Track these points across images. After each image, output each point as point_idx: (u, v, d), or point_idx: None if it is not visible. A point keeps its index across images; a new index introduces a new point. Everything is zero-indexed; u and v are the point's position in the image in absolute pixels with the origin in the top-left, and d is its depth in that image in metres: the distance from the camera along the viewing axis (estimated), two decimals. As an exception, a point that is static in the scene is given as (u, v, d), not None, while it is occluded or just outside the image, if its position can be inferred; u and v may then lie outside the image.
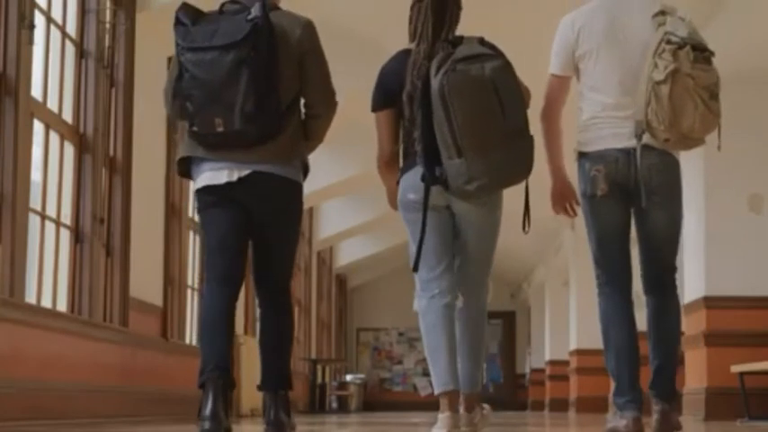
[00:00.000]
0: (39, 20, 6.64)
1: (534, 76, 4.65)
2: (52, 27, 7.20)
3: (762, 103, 9.67)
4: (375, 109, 4.50)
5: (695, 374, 9.83)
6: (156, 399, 8.80)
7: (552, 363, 21.70)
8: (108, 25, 7.79)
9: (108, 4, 7.80)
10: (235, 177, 4.20)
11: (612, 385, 4.50)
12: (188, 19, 4.15)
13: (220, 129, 4.08)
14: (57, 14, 7.29)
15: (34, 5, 6.48)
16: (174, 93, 4.19)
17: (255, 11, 4.10)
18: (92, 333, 7.37)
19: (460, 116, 4.07)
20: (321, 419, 11.11)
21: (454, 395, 4.28)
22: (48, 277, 7.07)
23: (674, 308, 4.52)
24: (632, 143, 4.33)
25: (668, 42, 4.19)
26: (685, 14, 4.38)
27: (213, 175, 4.22)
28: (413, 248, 4.39)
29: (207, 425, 4.02)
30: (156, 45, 8.57)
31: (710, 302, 9.51)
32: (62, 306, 7.22)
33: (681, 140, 4.27)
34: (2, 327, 5.95)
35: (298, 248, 4.59)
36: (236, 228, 4.30)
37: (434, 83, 4.12)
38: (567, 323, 19.13)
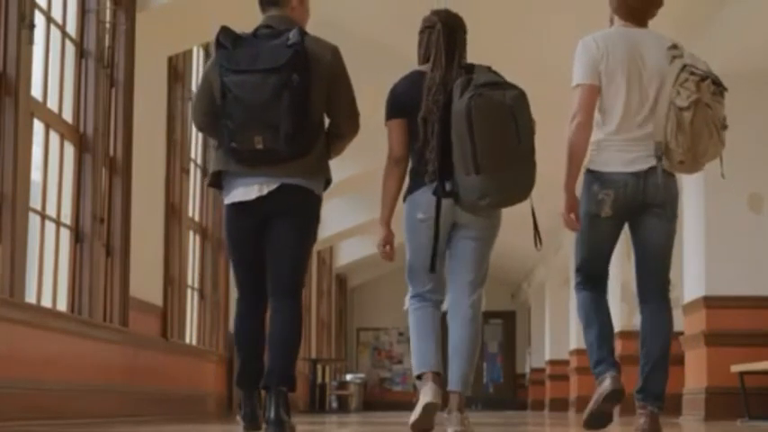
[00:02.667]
0: (39, 20, 6.64)
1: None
2: (52, 27, 7.20)
3: (761, 104, 9.66)
4: (388, 118, 4.77)
5: (695, 374, 9.82)
6: (157, 399, 8.81)
7: (552, 362, 21.70)
8: (108, 25, 7.79)
9: (108, 3, 7.80)
10: (265, 192, 4.49)
11: (593, 363, 4.79)
12: (229, 42, 4.44)
13: (260, 146, 4.37)
14: (57, 14, 7.29)
15: (34, 5, 6.48)
16: (216, 112, 4.49)
17: (294, 37, 4.40)
18: (92, 333, 7.37)
19: (484, 136, 4.39)
20: (321, 419, 11.12)
21: (437, 376, 4.55)
22: (48, 277, 7.07)
23: (667, 317, 4.81)
24: (641, 167, 4.65)
25: (692, 74, 4.55)
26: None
27: (245, 191, 4.52)
28: (408, 256, 4.75)
29: (248, 423, 4.56)
30: (156, 45, 8.57)
31: (710, 302, 9.50)
32: (62, 306, 7.22)
33: (691, 164, 4.64)
34: (2, 327, 5.95)
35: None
36: (260, 244, 4.61)
37: (459, 104, 4.43)
38: (567, 323, 19.13)
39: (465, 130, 4.40)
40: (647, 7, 4.81)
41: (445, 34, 4.72)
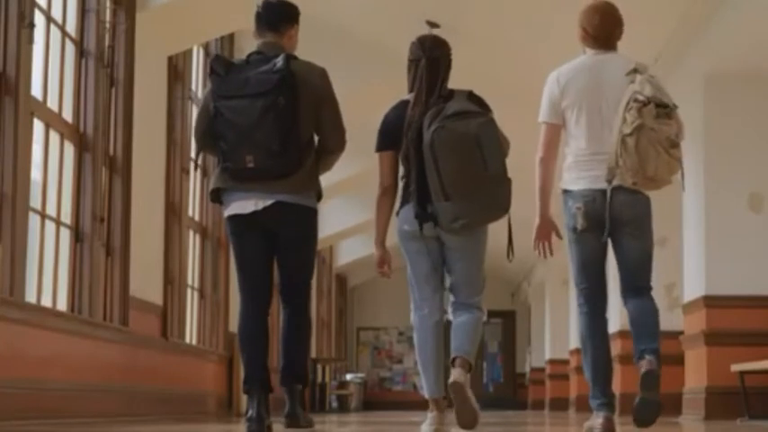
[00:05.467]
0: (38, 19, 6.63)
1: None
2: (52, 26, 7.20)
3: (762, 103, 9.66)
4: (378, 150, 5.09)
5: (695, 374, 9.82)
6: (157, 398, 8.81)
7: (552, 362, 21.69)
8: (108, 24, 7.78)
9: (108, 3, 7.80)
10: (260, 207, 4.87)
11: (590, 393, 5.14)
12: (221, 69, 4.84)
13: (251, 165, 4.76)
14: (57, 14, 7.29)
15: (34, 5, 6.48)
16: (210, 134, 4.87)
17: (280, 62, 4.77)
18: (92, 332, 7.37)
19: (447, 167, 4.72)
20: (321, 418, 11.11)
21: (441, 401, 4.96)
22: (48, 276, 7.07)
23: (652, 303, 5.10)
24: (604, 185, 4.99)
25: (635, 101, 4.86)
26: (655, 73, 5.09)
27: (241, 204, 4.90)
28: (410, 272, 5.07)
29: (253, 425, 4.76)
30: (155, 44, 8.57)
31: (710, 301, 9.49)
32: (62, 305, 7.22)
33: (647, 183, 4.93)
34: (2, 326, 5.96)
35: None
36: (260, 253, 4.99)
37: (426, 137, 4.76)
38: (567, 322, 19.13)
39: (431, 162, 4.72)
40: (609, 32, 5.15)
41: (428, 69, 4.99)
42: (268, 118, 4.70)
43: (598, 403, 5.05)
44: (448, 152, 4.71)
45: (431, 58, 5.03)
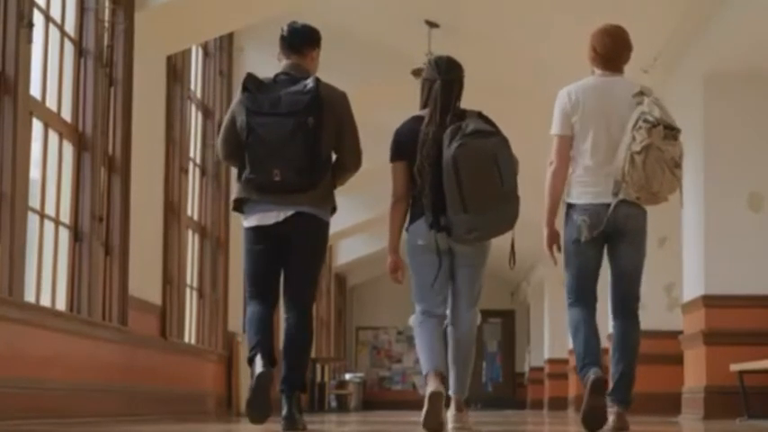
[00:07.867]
0: (37, 18, 6.63)
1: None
2: (51, 26, 7.19)
3: (761, 103, 9.65)
4: (392, 160, 5.31)
5: (694, 373, 9.82)
6: (156, 398, 8.80)
7: (551, 361, 21.71)
8: (107, 24, 7.77)
9: (107, 2, 7.79)
10: (281, 218, 5.20)
11: (579, 369, 5.35)
12: (254, 87, 5.16)
13: (277, 178, 5.10)
14: (55, 13, 7.28)
15: (33, 4, 6.48)
16: (240, 144, 5.18)
17: (311, 85, 5.13)
18: (91, 332, 7.36)
19: (469, 181, 4.96)
20: (320, 418, 11.11)
21: (441, 375, 5.08)
22: (47, 276, 7.06)
23: (636, 330, 5.46)
24: (607, 199, 5.29)
25: (645, 121, 5.16)
26: (659, 96, 5.37)
27: (263, 216, 5.23)
28: (413, 278, 5.28)
29: (263, 374, 5.01)
30: (154, 44, 8.56)
31: (709, 301, 9.49)
32: (61, 305, 7.21)
33: (649, 198, 5.27)
34: (1, 326, 5.95)
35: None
36: (274, 266, 5.30)
37: (447, 152, 4.99)
38: (566, 322, 19.12)
39: (452, 177, 4.96)
40: (618, 54, 5.46)
41: (443, 91, 5.21)
42: (297, 136, 5.03)
43: (585, 363, 5.26)
44: (471, 167, 4.94)
45: (445, 80, 5.23)
